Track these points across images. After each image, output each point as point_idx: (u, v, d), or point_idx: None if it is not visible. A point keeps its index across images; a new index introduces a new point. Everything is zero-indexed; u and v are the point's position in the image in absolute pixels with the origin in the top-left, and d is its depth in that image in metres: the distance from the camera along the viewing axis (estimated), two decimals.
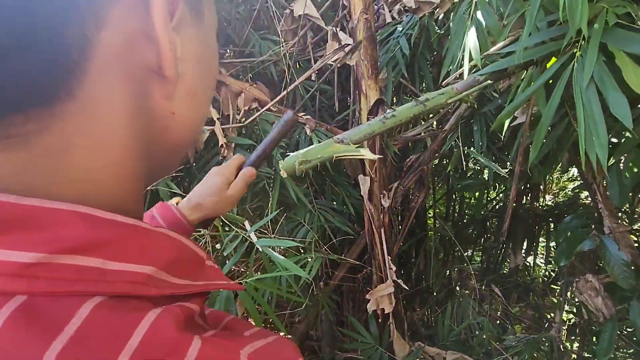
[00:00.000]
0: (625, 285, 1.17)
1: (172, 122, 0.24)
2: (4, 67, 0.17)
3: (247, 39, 1.87)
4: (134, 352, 0.17)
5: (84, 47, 0.18)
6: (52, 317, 0.17)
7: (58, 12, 0.17)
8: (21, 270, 0.17)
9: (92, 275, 0.19)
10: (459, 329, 1.76)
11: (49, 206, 0.18)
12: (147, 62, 0.21)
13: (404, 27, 1.36)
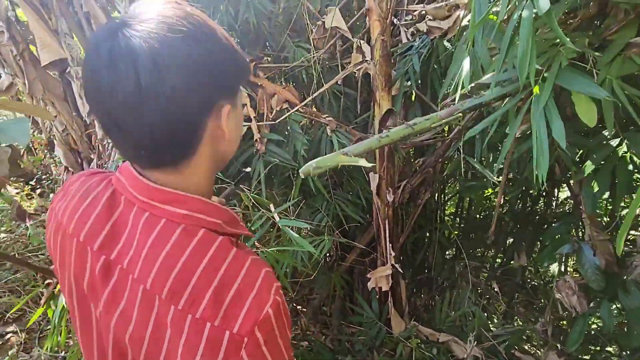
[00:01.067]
0: (595, 287, 1.33)
1: (226, 152, 0.55)
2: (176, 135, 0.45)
3: (283, 46, 2.12)
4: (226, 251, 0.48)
5: (203, 123, 0.47)
6: (191, 233, 0.47)
7: (200, 107, 0.46)
8: (181, 217, 0.48)
9: (202, 221, 0.49)
10: (454, 316, 1.95)
11: (189, 195, 0.50)
12: (219, 133, 0.50)
13: (418, 46, 1.55)
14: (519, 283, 2.32)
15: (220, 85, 0.47)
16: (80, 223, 0.51)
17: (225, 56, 0.47)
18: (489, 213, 2.47)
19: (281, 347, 0.46)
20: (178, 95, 0.42)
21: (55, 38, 1.60)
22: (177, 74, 0.42)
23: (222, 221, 0.51)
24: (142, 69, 0.41)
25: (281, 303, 0.47)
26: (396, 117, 1.53)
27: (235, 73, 0.50)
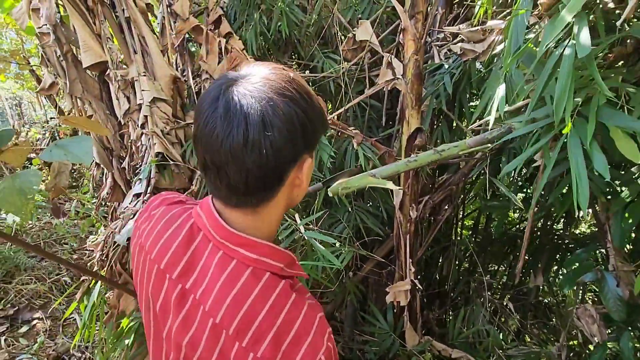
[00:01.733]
0: (616, 318, 1.32)
1: (297, 198, 0.59)
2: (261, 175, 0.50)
3: (312, 55, 2.15)
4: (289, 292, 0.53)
5: (289, 172, 0.52)
6: (258, 276, 0.53)
7: (290, 160, 0.51)
8: (251, 260, 0.54)
9: (268, 265, 0.54)
10: (467, 333, 1.96)
11: (258, 241, 0.55)
12: (297, 182, 0.55)
13: (450, 66, 1.57)
14: (533, 303, 2.31)
15: (309, 141, 0.53)
16: (162, 251, 0.57)
17: (316, 117, 0.53)
18: (505, 230, 2.46)
19: None
20: (275, 149, 0.49)
21: (98, 42, 1.67)
22: (279, 132, 0.49)
23: (284, 265, 0.57)
24: (251, 125, 0.47)
25: (332, 349, 0.51)
26: (424, 135, 1.55)
27: (321, 131, 0.56)
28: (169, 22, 1.94)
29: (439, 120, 1.80)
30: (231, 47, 1.94)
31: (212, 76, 1.96)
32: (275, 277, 0.54)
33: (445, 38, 1.67)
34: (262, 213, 0.55)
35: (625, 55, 1.07)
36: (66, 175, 0.97)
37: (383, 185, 1.02)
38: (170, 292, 0.55)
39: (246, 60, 1.93)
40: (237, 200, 0.54)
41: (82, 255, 2.98)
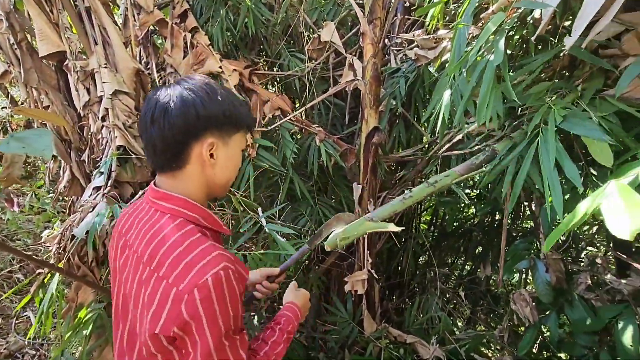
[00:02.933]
0: (545, 300, 1.49)
1: (215, 177, 0.76)
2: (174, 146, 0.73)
3: (279, 53, 2.20)
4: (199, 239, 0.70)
5: (188, 147, 0.72)
6: (173, 220, 0.71)
7: (185, 136, 0.71)
8: (167, 209, 0.73)
9: (182, 214, 0.73)
10: (421, 320, 2.10)
11: (174, 194, 0.74)
12: (205, 158, 0.74)
13: (405, 70, 1.67)
14: (483, 291, 2.50)
15: (207, 125, 0.71)
16: (125, 224, 0.79)
17: (216, 108, 0.72)
18: (461, 224, 2.64)
19: (216, 311, 0.62)
20: (170, 124, 0.69)
21: (56, 31, 1.63)
22: (176, 113, 0.69)
23: (199, 217, 0.73)
24: (158, 108, 0.70)
25: (225, 279, 0.63)
26: (382, 133, 1.65)
27: (224, 121, 0.73)
28: (132, 13, 1.91)
29: (397, 119, 1.90)
30: (197, 42, 1.95)
31: (177, 70, 1.96)
32: (186, 222, 0.71)
33: (402, 44, 1.78)
34: (179, 178, 0.74)
35: (562, 67, 1.20)
36: (19, 166, 0.96)
37: (384, 228, 1.01)
38: (121, 254, 0.75)
39: (212, 55, 1.95)
40: (156, 166, 0.74)
41: (37, 252, 2.86)
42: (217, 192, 0.79)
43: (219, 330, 0.62)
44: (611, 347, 1.35)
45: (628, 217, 0.53)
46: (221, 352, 0.64)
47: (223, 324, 0.63)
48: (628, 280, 1.27)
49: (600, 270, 1.46)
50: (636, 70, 0.90)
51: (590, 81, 1.09)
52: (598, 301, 1.40)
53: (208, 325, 0.61)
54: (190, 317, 0.61)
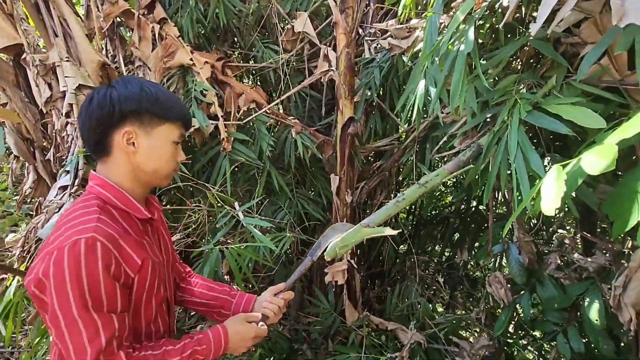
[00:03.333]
0: (518, 281, 1.54)
1: (138, 163, 0.81)
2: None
3: (252, 45, 2.16)
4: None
5: (107, 137, 0.79)
6: (86, 200, 0.78)
7: (103, 127, 0.79)
8: (89, 188, 0.81)
9: (97, 191, 0.80)
10: (402, 307, 2.14)
11: (97, 175, 0.81)
12: (127, 147, 0.80)
13: (379, 60, 1.67)
14: (461, 276, 2.57)
15: (124, 115, 0.77)
16: None
17: (134, 101, 0.78)
18: (439, 212, 2.70)
19: (65, 278, 0.65)
20: (89, 115, 0.78)
21: (10, 22, 1.53)
22: (95, 105, 0.77)
23: (112, 196, 0.78)
24: (85, 101, 0.80)
25: (85, 248, 0.67)
26: (357, 124, 1.65)
27: (144, 113, 0.78)
28: (95, 4, 1.82)
29: (373, 110, 1.91)
30: (166, 34, 1.88)
31: (146, 63, 1.89)
32: (92, 197, 0.77)
33: (376, 33, 1.78)
34: (107, 164, 0.81)
35: (529, 57, 1.23)
36: None
37: (381, 233, 1.00)
38: None
39: (182, 48, 1.89)
40: (90, 151, 0.82)
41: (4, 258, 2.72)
42: (151, 181, 0.84)
43: (67, 299, 0.64)
44: (579, 323, 1.42)
45: (554, 196, 0.60)
46: (71, 326, 0.65)
47: (73, 294, 0.64)
48: (593, 258, 1.33)
49: (568, 250, 1.53)
50: (595, 55, 0.93)
51: (556, 70, 1.13)
52: (567, 279, 1.46)
53: (55, 290, 0.65)
54: (43, 275, 0.66)
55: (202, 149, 1.93)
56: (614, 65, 0.92)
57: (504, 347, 1.86)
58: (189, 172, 1.68)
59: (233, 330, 0.85)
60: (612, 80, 0.93)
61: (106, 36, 1.95)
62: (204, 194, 1.78)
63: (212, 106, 1.77)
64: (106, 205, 0.77)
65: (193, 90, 1.77)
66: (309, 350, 2.13)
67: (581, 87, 0.97)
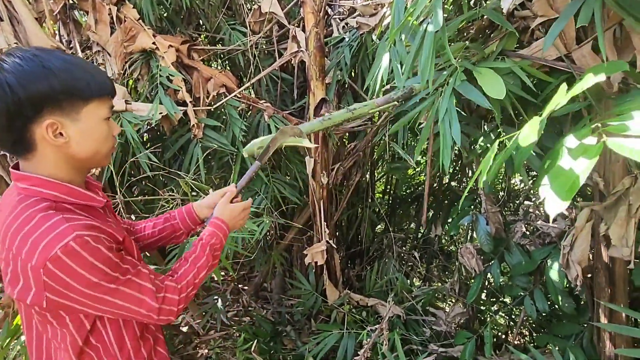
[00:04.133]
0: (486, 250, 1.63)
1: (73, 152, 0.70)
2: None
3: (218, 27, 2.08)
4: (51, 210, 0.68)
5: (26, 131, 0.66)
6: (23, 200, 0.68)
7: (12, 120, 0.65)
8: (21, 189, 0.70)
9: (37, 192, 0.69)
10: (381, 283, 2.21)
11: (31, 175, 0.69)
12: (54, 138, 0.68)
13: (349, 39, 1.66)
14: (436, 250, 2.68)
15: (34, 107, 0.64)
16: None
17: (42, 87, 0.64)
18: (413, 190, 2.77)
19: (81, 272, 0.65)
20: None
21: None
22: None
23: (58, 193, 0.70)
24: None
25: (80, 247, 0.64)
26: (329, 105, 1.65)
27: (60, 97, 0.65)
28: None
29: (345, 90, 1.91)
30: (124, 16, 1.78)
31: (105, 48, 1.80)
32: (38, 201, 0.68)
33: (344, 12, 1.76)
34: (33, 160, 0.70)
35: (483, 28, 1.26)
36: None
37: (299, 143, 1.03)
38: None
39: (144, 31, 1.80)
40: (8, 151, 0.72)
41: None
42: (90, 165, 0.76)
43: (96, 284, 0.67)
44: (544, 285, 1.52)
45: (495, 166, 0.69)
46: (116, 293, 0.69)
47: (100, 278, 0.67)
48: (555, 223, 1.42)
49: (532, 218, 1.62)
50: (559, 27, 0.97)
51: (505, 40, 1.17)
52: (532, 245, 1.55)
53: (81, 285, 0.66)
54: (58, 284, 0.65)
55: (172, 137, 1.87)
56: (563, 39, 0.96)
57: (477, 314, 1.98)
58: (159, 161, 1.63)
59: (224, 215, 0.93)
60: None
61: (58, 19, 1.83)
62: (176, 183, 1.75)
63: (180, 92, 1.71)
64: (58, 205, 0.69)
65: (158, 76, 1.70)
66: (292, 331, 2.18)
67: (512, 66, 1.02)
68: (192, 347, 2.16)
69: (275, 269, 2.49)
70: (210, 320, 2.26)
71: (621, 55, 0.97)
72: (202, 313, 2.24)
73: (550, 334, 1.51)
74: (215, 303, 2.21)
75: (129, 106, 1.66)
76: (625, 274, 1.18)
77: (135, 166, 1.76)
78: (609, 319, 1.21)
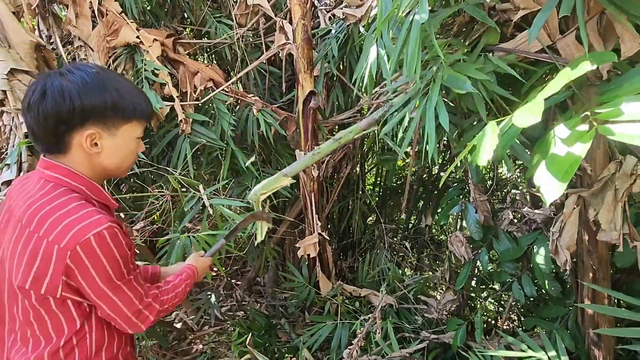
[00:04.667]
0: (476, 238, 1.66)
1: (101, 161, 0.77)
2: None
3: (204, 21, 2.05)
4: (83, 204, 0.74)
5: (66, 135, 0.73)
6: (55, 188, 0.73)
7: (59, 125, 0.71)
8: (52, 178, 0.74)
9: (66, 183, 0.74)
10: (373, 273, 2.24)
11: (59, 164, 0.75)
12: (89, 147, 0.74)
13: (336, 30, 1.66)
14: (426, 239, 2.72)
15: (85, 116, 0.71)
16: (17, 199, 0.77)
17: (95, 100, 0.71)
18: (403, 181, 2.80)
19: (104, 264, 0.69)
20: (43, 112, 0.69)
21: None
22: (50, 101, 0.69)
23: (84, 187, 0.75)
24: (35, 94, 0.70)
25: (110, 237, 0.69)
26: (318, 97, 1.64)
27: (107, 113, 0.73)
28: None
29: (333, 83, 1.91)
30: (106, 10, 1.74)
31: (87, 43, 1.75)
32: (70, 191, 0.73)
33: (331, 4, 1.75)
34: (64, 160, 0.75)
35: (464, 23, 1.27)
36: None
37: (287, 182, 1.23)
38: (5, 218, 0.76)
39: (127, 25, 1.76)
40: (40, 148, 0.75)
41: None
42: (111, 175, 0.83)
43: (109, 277, 0.71)
44: (531, 270, 1.56)
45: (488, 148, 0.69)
46: (118, 291, 0.73)
47: (113, 272, 0.71)
48: (540, 210, 1.45)
49: (519, 205, 1.65)
50: (542, 19, 0.99)
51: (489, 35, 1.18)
52: (519, 232, 1.59)
53: (97, 275, 0.70)
54: (80, 270, 0.68)
55: (160, 133, 1.85)
56: (546, 30, 0.98)
57: (467, 301, 2.02)
58: (146, 158, 1.61)
59: (197, 264, 1.06)
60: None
61: (37, 14, 1.77)
62: (165, 179, 1.73)
63: (166, 87, 1.68)
64: (87, 197, 0.75)
65: (143, 71, 1.67)
66: (287, 324, 2.19)
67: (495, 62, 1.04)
68: (186, 343, 2.16)
69: (267, 263, 2.50)
70: (204, 316, 2.26)
71: (605, 44, 0.99)
72: (195, 309, 2.24)
73: (538, 317, 1.55)
74: (208, 298, 2.21)
75: None
76: (607, 256, 1.22)
77: None
78: (592, 301, 1.26)
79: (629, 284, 1.28)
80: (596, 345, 1.29)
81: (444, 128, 1.09)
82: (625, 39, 0.86)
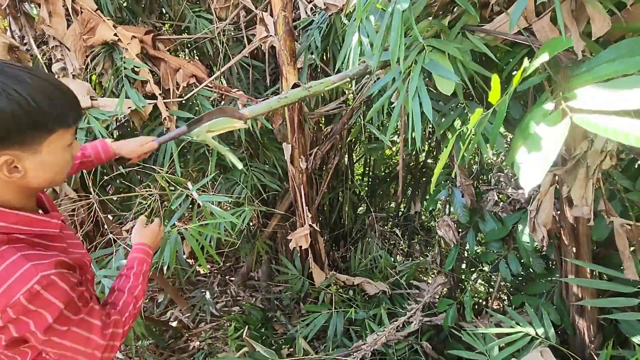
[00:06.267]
0: (463, 221, 1.70)
1: (27, 183, 0.63)
2: None
3: (183, 15, 2.01)
4: None
5: None
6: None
7: None
8: None
9: None
10: (365, 262, 2.27)
11: None
12: (3, 174, 0.59)
13: (318, 21, 1.65)
14: (416, 226, 2.76)
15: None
16: None
17: (3, 122, 0.55)
18: (391, 170, 2.83)
19: (42, 314, 0.60)
20: None
21: None
22: None
23: (7, 224, 0.61)
24: None
25: (44, 288, 0.59)
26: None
27: (19, 131, 0.57)
28: None
29: (318, 74, 1.91)
30: (81, 8, 1.69)
31: (63, 42, 1.71)
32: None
33: None
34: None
35: (445, 4, 1.28)
36: None
37: (231, 126, 1.08)
38: None
39: (103, 22, 1.72)
40: None
41: None
42: (46, 188, 0.73)
43: (50, 327, 0.62)
44: (516, 249, 1.61)
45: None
46: (67, 333, 0.64)
47: (57, 322, 0.62)
48: (523, 190, 1.49)
49: (503, 186, 1.70)
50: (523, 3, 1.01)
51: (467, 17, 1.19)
52: (504, 212, 1.63)
53: (36, 327, 0.61)
54: (17, 327, 0.60)
55: (144, 131, 1.82)
56: (524, 12, 1.00)
57: (458, 283, 2.07)
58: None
59: (147, 238, 0.96)
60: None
61: (8, 14, 1.71)
62: (153, 178, 1.71)
63: (148, 84, 1.66)
64: (10, 237, 0.61)
65: (123, 69, 1.64)
66: (282, 316, 2.21)
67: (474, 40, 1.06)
68: (183, 340, 2.16)
69: (260, 258, 2.51)
70: (199, 313, 2.26)
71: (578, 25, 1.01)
72: (190, 307, 2.24)
73: (525, 294, 1.61)
74: (203, 296, 2.21)
75: (94, 102, 1.60)
76: (588, 232, 1.27)
77: (107, 164, 1.71)
78: (576, 275, 1.31)
79: (607, 257, 1.33)
80: (580, 316, 1.34)
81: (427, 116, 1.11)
82: (595, 19, 0.89)
